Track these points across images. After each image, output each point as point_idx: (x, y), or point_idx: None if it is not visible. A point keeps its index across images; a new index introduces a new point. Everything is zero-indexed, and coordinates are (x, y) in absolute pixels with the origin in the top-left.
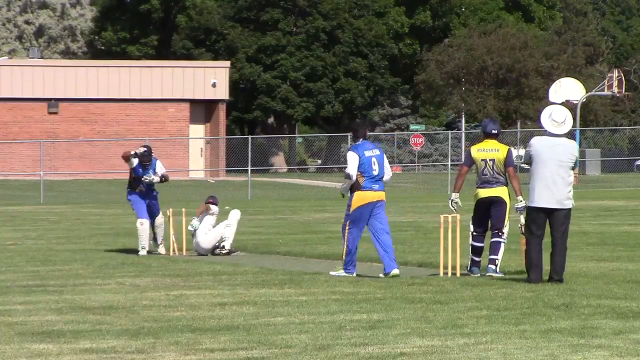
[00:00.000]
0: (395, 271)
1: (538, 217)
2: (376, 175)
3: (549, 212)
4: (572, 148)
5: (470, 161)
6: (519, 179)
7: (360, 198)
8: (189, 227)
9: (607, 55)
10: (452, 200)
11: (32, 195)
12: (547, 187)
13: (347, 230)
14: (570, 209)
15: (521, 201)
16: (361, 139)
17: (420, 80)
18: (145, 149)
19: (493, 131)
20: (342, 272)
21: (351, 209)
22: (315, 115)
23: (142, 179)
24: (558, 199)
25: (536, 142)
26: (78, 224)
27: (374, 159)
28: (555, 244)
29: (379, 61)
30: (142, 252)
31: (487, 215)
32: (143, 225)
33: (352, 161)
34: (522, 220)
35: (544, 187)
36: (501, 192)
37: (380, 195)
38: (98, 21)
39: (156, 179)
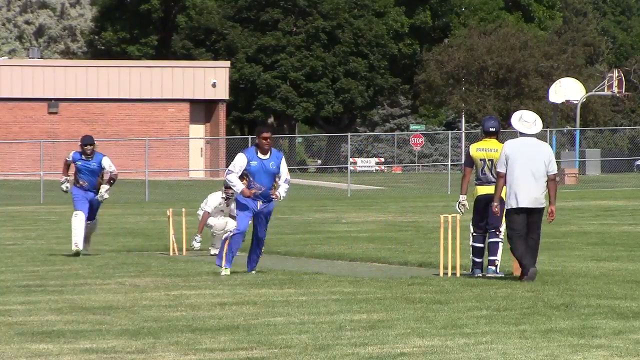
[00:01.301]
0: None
1: (519, 218)
2: None
3: (528, 212)
4: (547, 148)
5: (471, 161)
6: None
7: None
8: (193, 245)
9: (607, 55)
10: (459, 202)
11: (32, 195)
12: (526, 187)
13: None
14: (544, 208)
15: None
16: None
17: (420, 80)
18: (87, 137)
19: (490, 129)
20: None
21: None
22: (315, 115)
23: (98, 198)
24: (537, 198)
25: (511, 144)
26: None
27: None
28: (530, 242)
29: (379, 61)
30: (74, 248)
31: (485, 213)
32: (77, 216)
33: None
34: None
35: (523, 187)
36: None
37: None
38: (98, 21)
39: (105, 195)
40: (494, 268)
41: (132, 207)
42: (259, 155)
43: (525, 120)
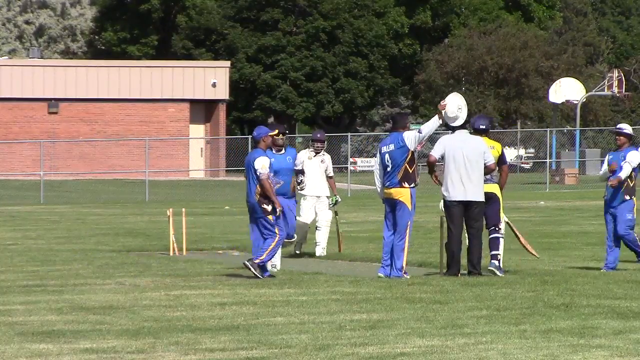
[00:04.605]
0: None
1: (455, 212)
2: (387, 172)
3: (465, 205)
4: (480, 142)
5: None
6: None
7: None
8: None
9: (607, 55)
10: None
11: (32, 195)
12: (462, 181)
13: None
14: (483, 202)
15: None
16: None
17: (420, 80)
18: (280, 127)
19: (481, 126)
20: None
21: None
22: (315, 115)
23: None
24: (473, 192)
25: (447, 139)
26: (78, 224)
27: (387, 156)
28: (471, 240)
29: (379, 61)
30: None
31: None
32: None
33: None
34: (505, 218)
35: (459, 181)
36: (493, 188)
37: (389, 193)
38: (98, 21)
39: (276, 179)
40: (496, 262)
41: (132, 207)
42: None
43: (449, 116)
